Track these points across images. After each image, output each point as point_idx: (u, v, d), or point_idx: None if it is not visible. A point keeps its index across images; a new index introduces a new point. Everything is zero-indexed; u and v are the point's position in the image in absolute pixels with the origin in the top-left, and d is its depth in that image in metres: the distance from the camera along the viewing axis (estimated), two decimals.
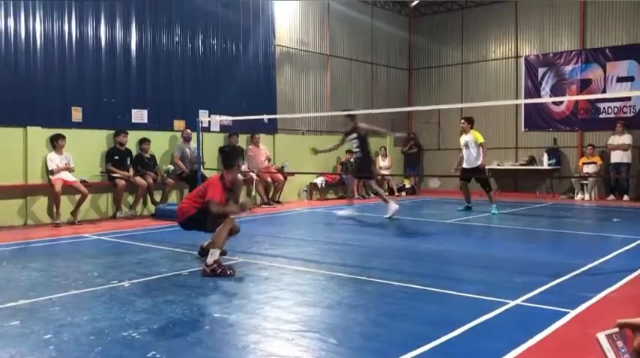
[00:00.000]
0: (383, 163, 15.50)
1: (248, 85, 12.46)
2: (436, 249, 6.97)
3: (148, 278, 5.12)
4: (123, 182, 9.86)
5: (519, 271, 5.53)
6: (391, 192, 15.23)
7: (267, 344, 3.38)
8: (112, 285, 4.85)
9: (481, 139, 10.68)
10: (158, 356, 3.15)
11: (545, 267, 5.60)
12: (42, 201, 9.36)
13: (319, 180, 14.01)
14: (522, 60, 15.41)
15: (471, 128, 10.80)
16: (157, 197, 10.60)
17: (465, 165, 10.87)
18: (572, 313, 3.94)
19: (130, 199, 10.31)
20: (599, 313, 3.99)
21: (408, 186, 15.78)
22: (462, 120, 11.06)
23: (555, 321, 3.73)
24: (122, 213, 10.03)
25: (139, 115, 10.63)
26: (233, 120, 11.66)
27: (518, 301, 4.26)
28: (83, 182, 9.45)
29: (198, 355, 3.20)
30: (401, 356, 3.11)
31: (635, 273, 5.29)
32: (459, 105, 15.44)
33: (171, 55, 11.13)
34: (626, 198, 13.24)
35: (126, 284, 4.90)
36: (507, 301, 4.23)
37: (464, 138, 10.87)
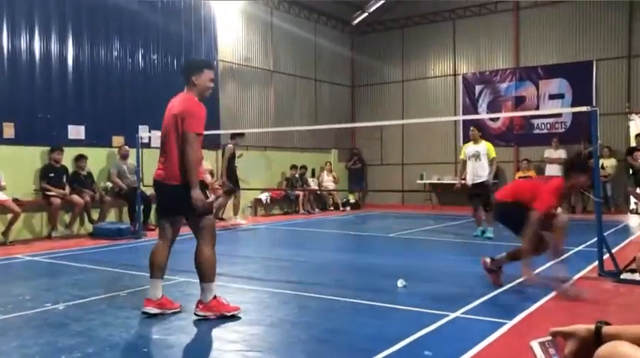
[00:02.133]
0: (328, 178, 15.58)
1: None
2: (379, 262, 7.02)
3: (83, 300, 4.92)
4: (58, 200, 9.49)
5: (459, 283, 5.64)
6: (336, 206, 15.36)
7: None
8: (45, 308, 4.64)
9: (494, 153, 9.34)
10: None
11: (484, 279, 5.73)
12: None
13: (264, 196, 13.92)
14: (460, 77, 15.91)
15: (480, 137, 9.45)
16: (95, 215, 10.27)
17: (472, 180, 9.18)
18: (510, 323, 4.04)
19: (67, 218, 9.93)
20: (536, 322, 4.11)
21: (352, 200, 15.92)
22: (472, 128, 9.55)
23: (494, 332, 3.81)
24: (57, 232, 9.65)
25: (76, 131, 10.30)
26: None
27: (458, 313, 4.33)
28: (15, 200, 9.05)
29: None
30: None
31: None
32: (400, 122, 15.82)
33: (110, 69, 10.85)
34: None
35: (60, 306, 4.70)
36: (447, 313, 4.29)
37: (473, 148, 9.22)
